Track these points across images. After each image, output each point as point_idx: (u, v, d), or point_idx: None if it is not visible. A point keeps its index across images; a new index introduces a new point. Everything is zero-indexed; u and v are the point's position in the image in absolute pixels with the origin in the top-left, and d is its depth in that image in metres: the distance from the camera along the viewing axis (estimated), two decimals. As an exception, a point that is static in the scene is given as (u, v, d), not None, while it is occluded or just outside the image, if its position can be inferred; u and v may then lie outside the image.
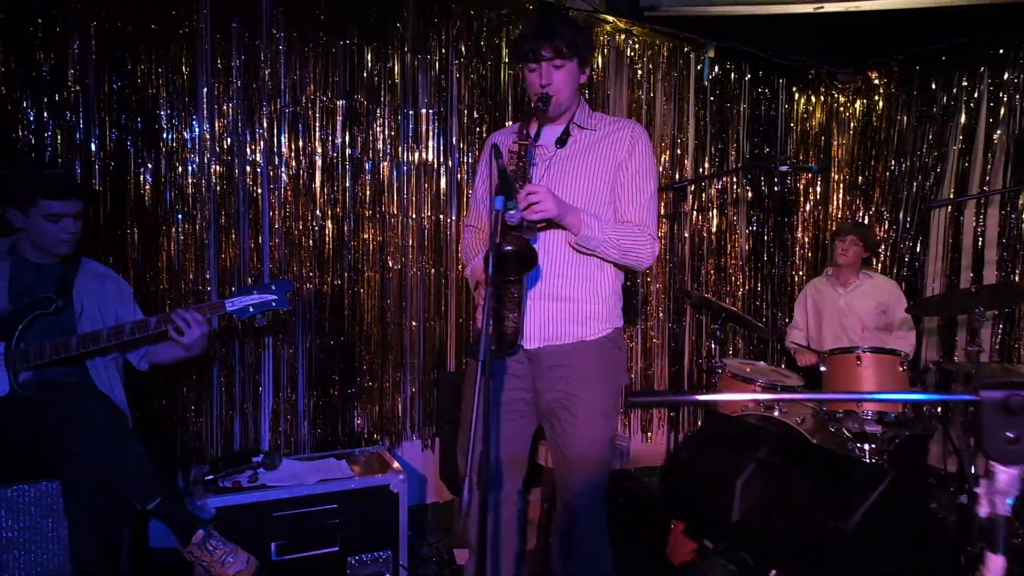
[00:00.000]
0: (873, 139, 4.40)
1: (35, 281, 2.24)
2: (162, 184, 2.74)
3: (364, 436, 3.19)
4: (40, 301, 2.20)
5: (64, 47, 2.55)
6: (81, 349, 2.17)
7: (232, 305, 2.25)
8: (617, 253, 2.00)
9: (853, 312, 3.74)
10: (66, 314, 2.27)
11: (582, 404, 2.03)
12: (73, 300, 2.28)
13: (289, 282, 2.32)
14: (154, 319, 2.21)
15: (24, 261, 2.24)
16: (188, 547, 2.09)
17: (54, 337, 2.19)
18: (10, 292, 2.21)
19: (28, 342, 2.17)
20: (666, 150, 3.95)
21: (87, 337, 2.18)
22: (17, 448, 2.14)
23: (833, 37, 3.99)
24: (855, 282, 3.76)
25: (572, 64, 1.96)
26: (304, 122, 2.96)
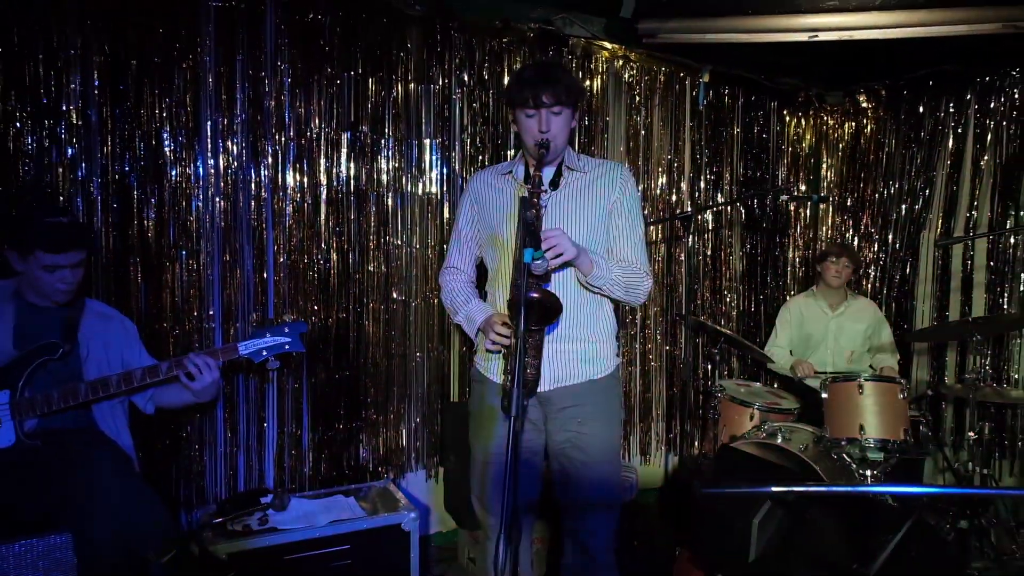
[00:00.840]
0: (862, 161, 4.48)
1: (40, 325, 2.17)
2: (165, 219, 2.68)
3: (369, 470, 3.15)
4: (46, 347, 2.14)
5: (66, 81, 2.48)
6: (90, 396, 2.12)
7: (245, 349, 2.22)
8: (621, 291, 2.06)
9: (844, 335, 3.80)
10: (72, 359, 2.21)
11: (592, 443, 2.09)
12: (79, 344, 2.22)
13: (303, 324, 2.29)
14: (165, 364, 2.17)
15: (28, 305, 2.18)
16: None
17: (60, 383, 2.13)
18: (15, 337, 2.14)
19: (34, 389, 2.11)
20: (663, 173, 3.97)
21: (96, 384, 2.13)
22: (24, 500, 2.07)
23: (823, 61, 4.06)
24: (843, 304, 3.81)
25: (568, 111, 2.01)
26: (309, 154, 2.92)
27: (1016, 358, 3.66)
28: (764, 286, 4.45)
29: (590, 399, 2.11)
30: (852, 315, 3.79)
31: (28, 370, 2.11)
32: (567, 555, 2.28)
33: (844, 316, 3.80)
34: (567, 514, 2.21)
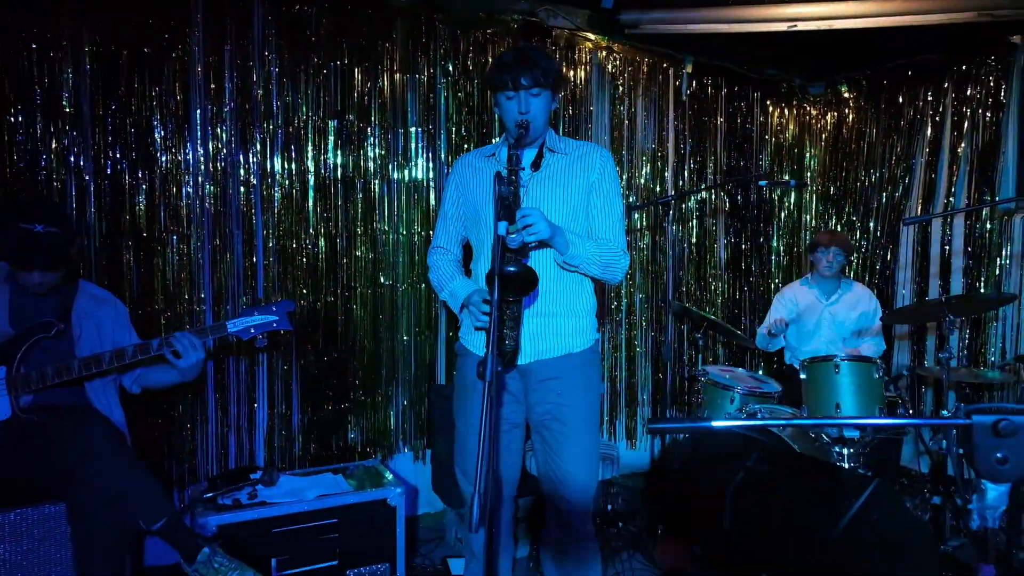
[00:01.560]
0: (844, 151, 4.56)
1: (34, 305, 2.25)
2: (156, 205, 2.75)
3: (358, 450, 3.23)
4: (40, 325, 2.21)
5: (58, 72, 2.55)
6: (83, 372, 2.19)
7: (234, 326, 2.29)
8: (598, 269, 2.12)
9: (837, 322, 3.82)
10: (66, 338, 2.28)
11: (572, 414, 2.14)
12: (72, 323, 2.30)
13: (291, 303, 2.36)
14: (156, 341, 2.24)
15: (21, 286, 2.25)
16: (194, 565, 2.12)
17: (54, 360, 2.20)
18: (10, 316, 2.22)
19: (29, 366, 2.18)
20: (647, 163, 4.05)
21: (89, 360, 2.20)
22: (19, 472, 2.14)
23: (805, 52, 4.14)
24: (838, 291, 3.83)
25: (547, 93, 2.07)
26: (297, 142, 3.00)
27: (992, 340, 3.74)
28: (749, 274, 4.53)
29: (569, 372, 2.17)
30: (846, 303, 3.81)
31: (24, 347, 2.18)
32: (548, 527, 2.35)
33: (839, 304, 3.81)
34: (547, 485, 2.27)
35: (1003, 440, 0.95)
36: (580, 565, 2.27)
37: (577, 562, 2.27)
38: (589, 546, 2.29)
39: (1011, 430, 0.94)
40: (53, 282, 2.23)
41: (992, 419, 0.95)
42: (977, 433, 0.96)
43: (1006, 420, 0.94)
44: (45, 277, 2.19)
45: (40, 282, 2.19)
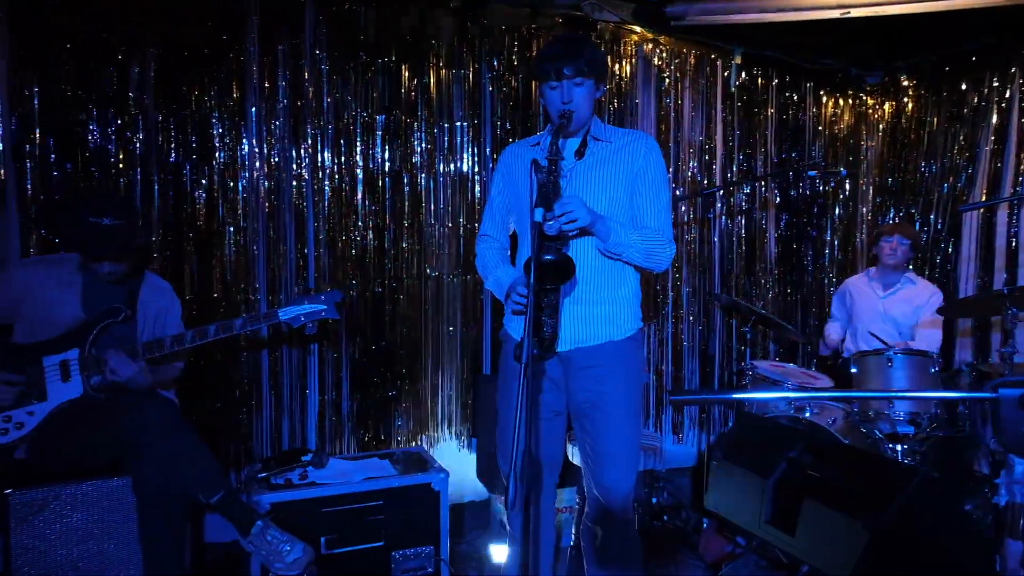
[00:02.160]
0: (903, 141, 4.41)
1: (105, 292, 2.40)
2: (215, 199, 2.90)
3: (404, 437, 3.31)
4: (110, 311, 2.36)
5: (125, 72, 2.72)
6: (147, 355, 2.33)
7: (285, 314, 2.40)
8: (641, 257, 2.11)
9: (889, 317, 3.68)
10: (131, 323, 2.43)
11: (612, 402, 2.14)
12: (137, 311, 2.45)
13: (338, 292, 2.46)
14: (212, 326, 2.36)
15: (94, 274, 2.40)
16: (248, 537, 2.22)
17: (119, 344, 2.35)
18: (83, 302, 2.37)
19: (99, 348, 2.33)
20: (694, 156, 4.01)
21: (151, 344, 2.34)
22: (89, 446, 2.29)
23: (861, 40, 4.03)
24: (896, 286, 3.67)
25: (591, 82, 2.07)
26: (346, 138, 3.11)
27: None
28: (801, 269, 4.43)
29: (610, 360, 2.17)
30: (902, 297, 3.65)
31: (95, 331, 2.33)
32: (588, 512, 2.37)
33: (895, 298, 3.66)
34: (587, 471, 2.29)
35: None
36: (619, 552, 2.29)
37: (617, 549, 2.28)
38: (629, 533, 2.29)
39: (1039, 402, 0.92)
40: (121, 272, 2.38)
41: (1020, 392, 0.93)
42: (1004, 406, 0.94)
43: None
44: (114, 267, 2.34)
45: (109, 271, 2.34)
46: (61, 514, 2.23)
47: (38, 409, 2.28)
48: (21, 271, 2.37)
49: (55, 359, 2.30)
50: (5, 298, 2.32)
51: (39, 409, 2.28)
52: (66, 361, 2.31)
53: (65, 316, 2.33)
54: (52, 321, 2.31)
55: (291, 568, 2.20)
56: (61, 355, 2.31)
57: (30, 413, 2.27)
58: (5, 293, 2.32)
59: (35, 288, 2.32)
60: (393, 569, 2.67)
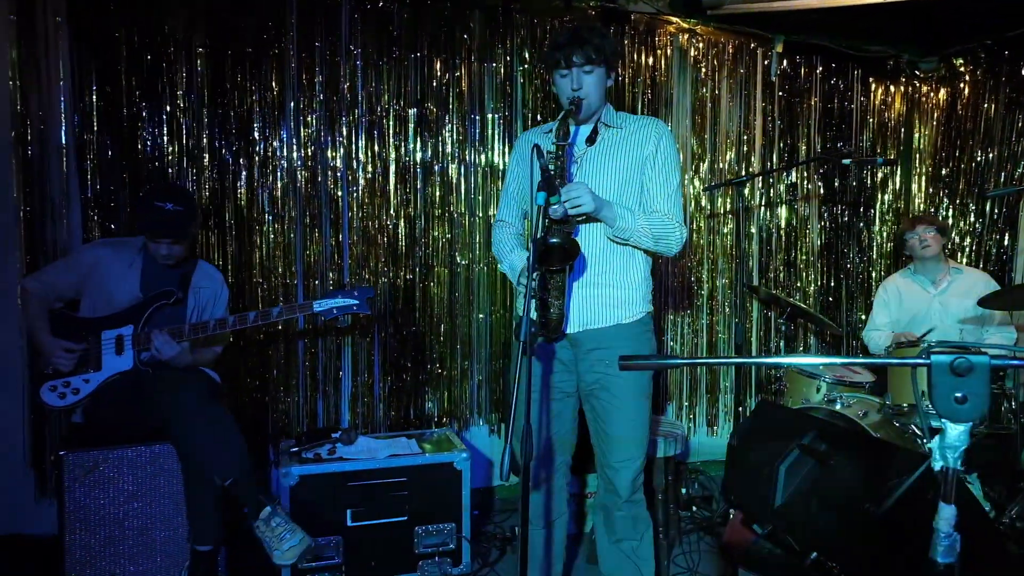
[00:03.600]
0: (958, 129, 4.23)
1: (161, 275, 2.59)
2: (255, 189, 3.08)
3: (434, 420, 3.43)
4: (164, 293, 2.56)
5: (175, 70, 2.93)
6: (192, 336, 2.51)
7: (319, 306, 2.56)
8: (650, 241, 2.14)
9: (950, 313, 3.48)
10: (181, 306, 2.63)
11: (620, 384, 2.18)
12: (189, 295, 2.64)
13: (371, 289, 2.63)
14: (252, 313, 2.54)
15: (153, 259, 2.58)
16: (256, 522, 2.36)
17: (170, 324, 2.53)
18: (141, 283, 2.58)
19: (151, 326, 2.53)
20: (732, 147, 3.97)
21: (197, 326, 2.52)
22: (136, 414, 2.48)
23: (912, 24, 3.89)
24: (946, 279, 3.50)
25: (600, 70, 2.12)
26: (379, 130, 3.24)
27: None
28: (845, 261, 4.32)
29: (618, 342, 2.21)
30: (958, 290, 3.47)
31: (148, 311, 2.54)
32: (598, 493, 2.42)
33: (949, 292, 3.49)
34: (597, 453, 2.34)
35: (961, 379, 0.94)
36: (629, 531, 2.33)
37: (625, 528, 2.32)
38: (638, 513, 2.33)
39: (967, 368, 0.93)
40: (177, 255, 2.57)
41: (950, 358, 0.94)
42: (935, 372, 0.96)
43: (962, 358, 0.93)
44: (171, 249, 2.53)
45: (166, 253, 2.53)
46: (110, 476, 2.43)
47: (93, 378, 2.49)
48: (90, 250, 2.59)
49: (111, 333, 2.52)
50: (75, 274, 2.54)
51: (94, 378, 2.50)
52: (121, 336, 2.52)
53: (124, 294, 2.54)
54: (112, 298, 2.53)
55: (285, 556, 2.30)
56: (117, 330, 2.52)
57: (86, 380, 2.49)
58: (75, 270, 2.55)
59: (101, 267, 2.54)
60: (416, 543, 2.78)
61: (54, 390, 2.46)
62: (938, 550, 1.01)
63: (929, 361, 0.96)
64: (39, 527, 2.83)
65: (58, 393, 2.46)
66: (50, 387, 2.45)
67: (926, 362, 0.97)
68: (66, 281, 2.54)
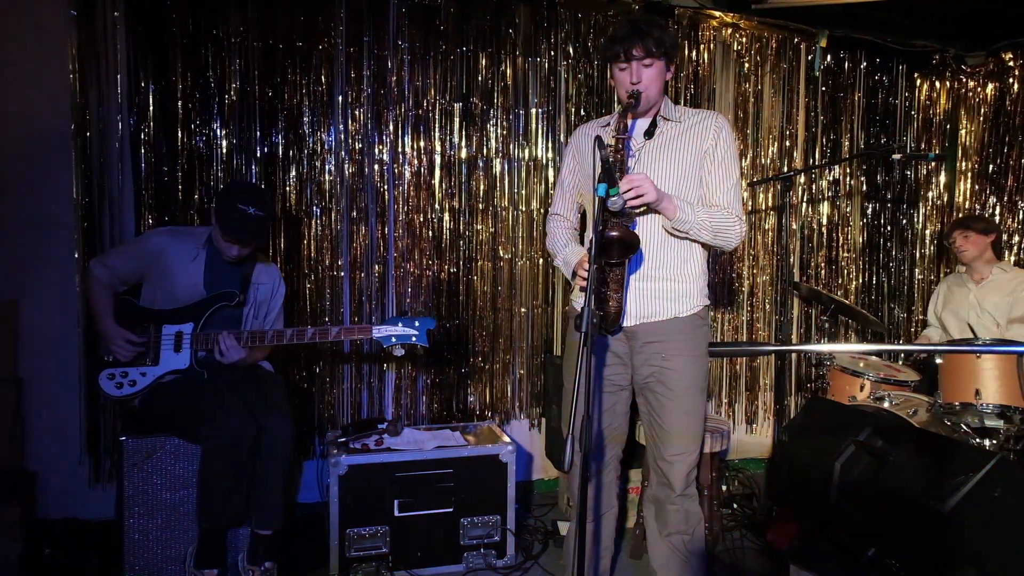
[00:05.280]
0: (1007, 124, 4.15)
1: (225, 273, 2.60)
2: (304, 181, 3.11)
3: (476, 413, 3.44)
4: (226, 294, 2.57)
5: (228, 65, 2.96)
6: (248, 344, 2.53)
7: (378, 332, 2.55)
8: (709, 235, 2.12)
9: (985, 308, 3.50)
10: (241, 309, 2.64)
11: (676, 377, 2.17)
12: (248, 295, 2.65)
13: (432, 320, 2.59)
14: (310, 330, 2.55)
15: (217, 252, 2.59)
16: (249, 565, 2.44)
17: (228, 327, 2.55)
18: (205, 279, 2.58)
19: (211, 328, 2.54)
20: (774, 142, 3.93)
21: (255, 334, 2.54)
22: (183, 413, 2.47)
23: (960, 19, 3.82)
24: (988, 276, 3.51)
25: (660, 63, 2.10)
26: (425, 124, 3.26)
27: None
28: (888, 259, 4.26)
29: (674, 335, 2.19)
30: (995, 286, 3.48)
31: (210, 311, 2.55)
32: (650, 487, 2.41)
33: (987, 287, 3.51)
34: (650, 444, 2.33)
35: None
36: (681, 527, 2.31)
37: (678, 522, 2.31)
38: (690, 507, 2.31)
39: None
40: (244, 255, 2.58)
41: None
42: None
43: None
44: (241, 251, 2.55)
45: (236, 254, 2.55)
46: (166, 462, 2.47)
47: (150, 372, 2.52)
48: (156, 236, 2.58)
49: (172, 329, 2.53)
50: (140, 261, 2.55)
51: (151, 372, 2.52)
52: (180, 333, 2.53)
53: (186, 288, 2.54)
54: (174, 291, 2.54)
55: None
56: (178, 326, 2.53)
57: (143, 374, 2.52)
58: (140, 257, 2.55)
59: (165, 256, 2.53)
60: (461, 535, 2.79)
61: (112, 378, 2.49)
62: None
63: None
64: (93, 512, 2.88)
65: (115, 383, 2.49)
66: (108, 375, 2.49)
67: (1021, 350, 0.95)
68: (131, 267, 2.56)
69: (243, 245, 2.53)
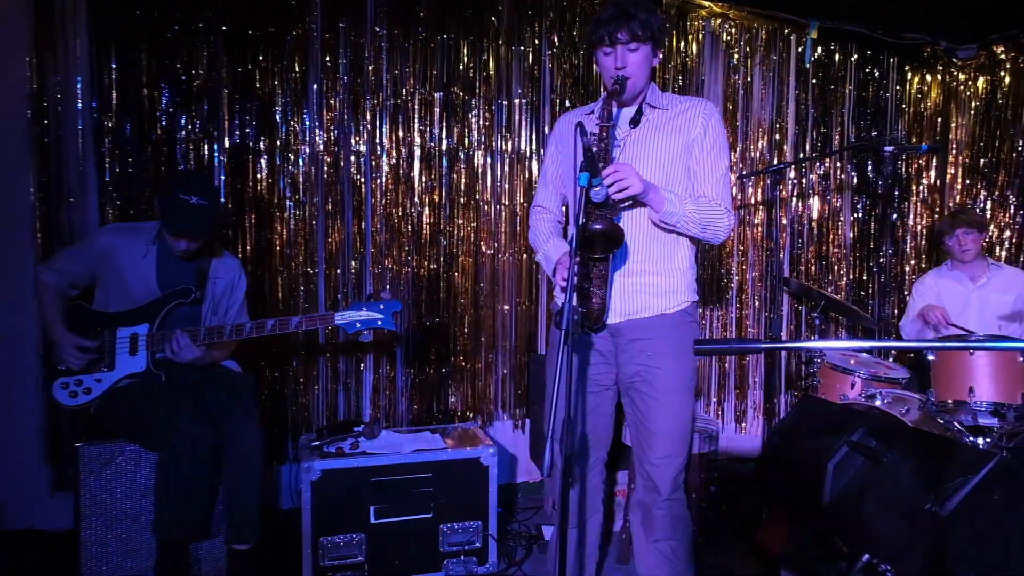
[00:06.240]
0: (998, 118, 4.09)
1: (179, 269, 2.47)
2: (276, 173, 2.98)
3: (457, 414, 3.33)
4: (182, 291, 2.43)
5: (196, 52, 2.83)
6: (207, 341, 2.40)
7: (341, 319, 2.41)
8: (697, 228, 2.02)
9: (989, 307, 3.42)
10: (200, 306, 2.51)
11: (662, 376, 2.07)
12: (206, 292, 2.52)
13: (398, 303, 2.45)
14: (270, 321, 2.40)
15: (168, 248, 2.46)
16: None
17: (186, 325, 2.41)
18: (158, 277, 2.45)
19: (167, 327, 2.41)
20: (764, 135, 3.85)
21: (212, 330, 2.40)
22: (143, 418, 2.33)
23: (951, 12, 3.76)
24: (986, 275, 3.44)
25: (646, 47, 1.99)
26: (404, 114, 3.14)
27: None
28: (879, 255, 4.19)
29: (661, 332, 2.09)
30: (997, 286, 3.41)
31: (165, 310, 2.42)
32: (636, 490, 2.31)
33: (988, 287, 3.42)
34: (636, 447, 2.23)
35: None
36: (669, 531, 2.22)
37: (665, 527, 2.21)
38: (677, 511, 2.22)
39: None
40: (195, 249, 2.45)
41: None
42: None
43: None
44: (190, 245, 2.41)
45: (185, 248, 2.41)
46: (126, 470, 2.34)
47: (106, 378, 2.39)
48: (103, 236, 2.45)
49: (127, 331, 2.40)
50: (88, 263, 2.42)
51: (107, 378, 2.39)
52: (136, 335, 2.40)
53: (139, 287, 2.42)
54: (127, 291, 2.41)
55: None
56: (132, 328, 2.40)
57: (98, 380, 2.38)
58: (88, 259, 2.42)
59: (113, 256, 2.41)
60: (441, 541, 2.68)
61: (66, 387, 2.36)
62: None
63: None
64: (53, 522, 2.75)
65: (69, 392, 2.36)
66: (62, 384, 2.36)
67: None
68: (79, 270, 2.43)
69: (190, 239, 2.40)
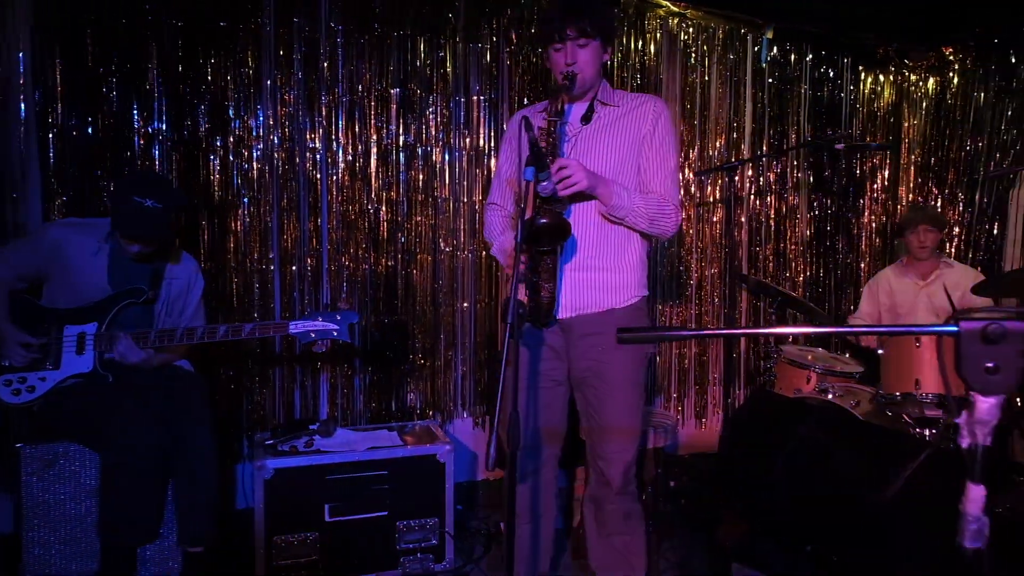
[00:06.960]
0: (947, 118, 4.20)
1: (133, 269, 2.40)
2: (229, 170, 2.94)
3: (417, 411, 3.32)
4: (133, 291, 2.37)
5: (145, 45, 2.77)
6: (157, 344, 2.34)
7: (295, 328, 2.35)
8: (645, 222, 2.04)
9: (935, 304, 3.52)
10: (153, 306, 2.46)
11: (613, 371, 2.08)
12: (160, 292, 2.46)
13: (355, 314, 2.41)
14: (222, 327, 2.34)
15: (121, 247, 2.39)
16: None
17: (136, 325, 2.36)
18: (110, 276, 2.38)
19: (117, 327, 2.34)
20: (721, 134, 3.90)
21: (163, 333, 2.34)
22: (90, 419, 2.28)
23: (904, 14, 3.85)
24: (935, 272, 3.54)
25: (596, 43, 2.01)
26: (360, 110, 3.11)
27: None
28: (834, 252, 4.27)
29: (611, 328, 2.09)
30: (946, 282, 3.47)
31: (115, 309, 2.36)
32: (589, 486, 2.32)
33: (937, 285, 3.51)
34: (588, 442, 2.24)
35: (993, 347, 0.86)
36: (621, 525, 2.23)
37: (617, 522, 2.23)
38: (629, 505, 2.23)
39: (1000, 335, 0.85)
40: (149, 252, 2.39)
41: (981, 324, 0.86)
42: (965, 341, 0.87)
43: (996, 324, 0.85)
44: (143, 248, 2.36)
45: (139, 251, 2.36)
46: (71, 470, 2.29)
47: (50, 376, 2.33)
48: (54, 229, 2.38)
49: (74, 330, 2.34)
50: (37, 256, 2.35)
51: (51, 376, 2.33)
52: (83, 334, 2.34)
53: (90, 285, 2.35)
54: (77, 289, 2.35)
55: None
56: (80, 327, 2.34)
57: (42, 379, 2.32)
58: (37, 252, 2.35)
59: (64, 251, 2.34)
60: (397, 539, 2.67)
61: (8, 384, 2.30)
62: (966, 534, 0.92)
63: (957, 328, 0.87)
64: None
65: (12, 389, 2.30)
66: (5, 380, 2.29)
67: (954, 329, 0.88)
68: (28, 262, 2.36)
69: (143, 243, 2.34)
